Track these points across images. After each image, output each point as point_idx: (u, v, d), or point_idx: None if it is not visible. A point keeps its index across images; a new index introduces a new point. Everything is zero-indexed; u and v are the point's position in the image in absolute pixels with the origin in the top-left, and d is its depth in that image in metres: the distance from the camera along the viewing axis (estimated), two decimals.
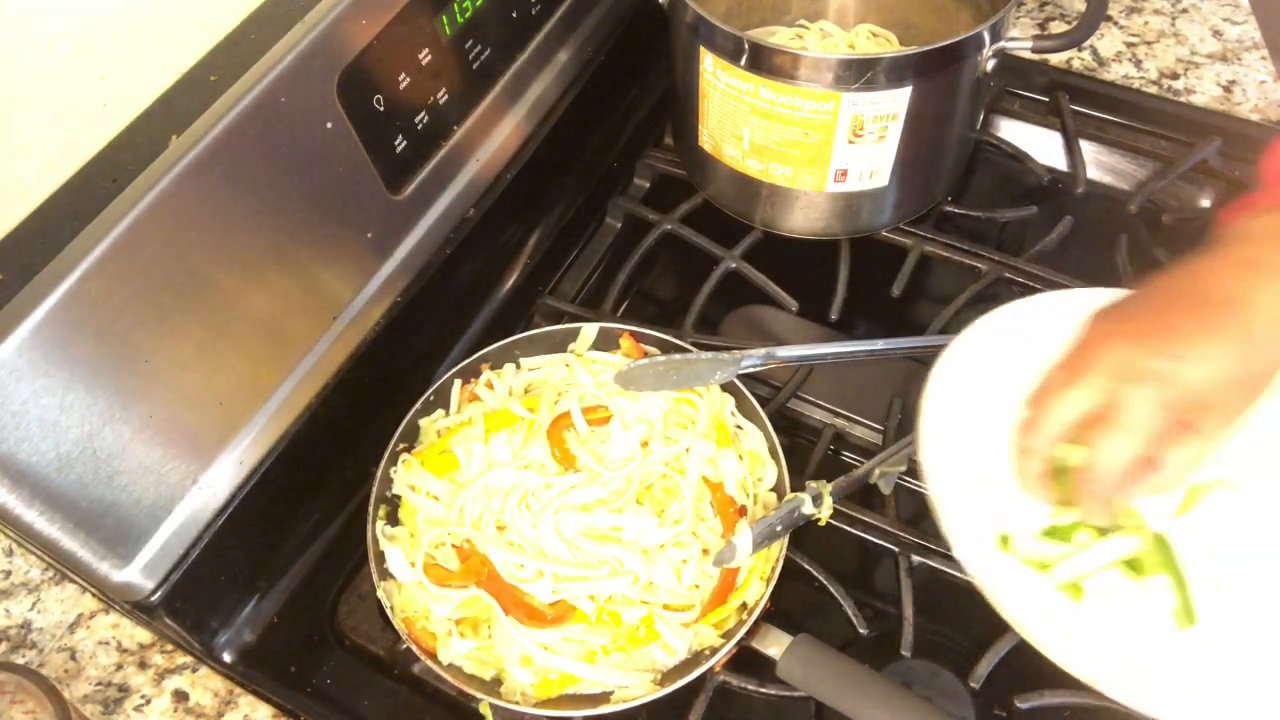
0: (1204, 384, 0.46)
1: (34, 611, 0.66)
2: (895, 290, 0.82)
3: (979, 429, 0.57)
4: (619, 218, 0.90)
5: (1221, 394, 0.46)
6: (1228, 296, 0.47)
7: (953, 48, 0.68)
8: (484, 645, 0.62)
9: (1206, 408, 0.46)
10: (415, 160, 0.70)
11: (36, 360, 0.49)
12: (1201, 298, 0.48)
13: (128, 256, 0.51)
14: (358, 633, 0.69)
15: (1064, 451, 0.51)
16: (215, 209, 0.56)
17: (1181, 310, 0.48)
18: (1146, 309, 0.50)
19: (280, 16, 0.60)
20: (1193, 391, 0.46)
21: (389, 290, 0.71)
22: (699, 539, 0.64)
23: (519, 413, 0.69)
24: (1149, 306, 0.50)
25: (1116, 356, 0.47)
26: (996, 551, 0.54)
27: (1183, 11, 0.96)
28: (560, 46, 0.83)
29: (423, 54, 0.66)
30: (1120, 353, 0.47)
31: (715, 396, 0.71)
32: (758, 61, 0.69)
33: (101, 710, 0.62)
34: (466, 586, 0.63)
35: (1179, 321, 0.47)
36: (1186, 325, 0.47)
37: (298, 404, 0.66)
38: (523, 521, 0.64)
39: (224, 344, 0.59)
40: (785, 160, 0.75)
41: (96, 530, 0.55)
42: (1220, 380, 0.46)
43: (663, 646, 0.62)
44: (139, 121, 0.55)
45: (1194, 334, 0.46)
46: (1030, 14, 0.98)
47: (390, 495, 0.69)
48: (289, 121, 0.58)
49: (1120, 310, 0.51)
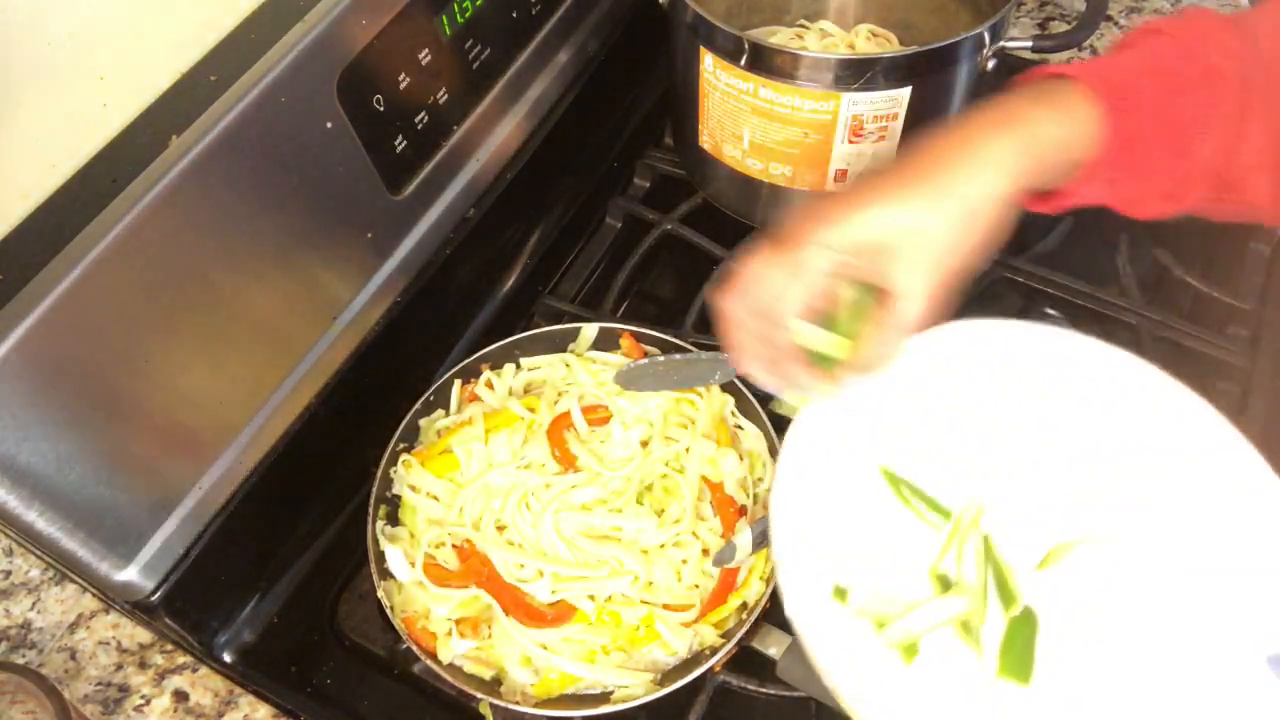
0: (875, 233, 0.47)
1: (34, 611, 0.66)
2: None
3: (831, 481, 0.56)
4: (619, 218, 0.90)
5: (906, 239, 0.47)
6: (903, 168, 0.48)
7: (953, 48, 0.68)
8: (484, 645, 0.62)
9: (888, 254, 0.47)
10: (415, 160, 0.70)
11: (36, 360, 0.49)
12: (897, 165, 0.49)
13: (127, 256, 0.51)
14: (358, 633, 0.69)
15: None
16: (215, 209, 0.56)
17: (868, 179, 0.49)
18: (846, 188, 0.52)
19: (280, 16, 0.60)
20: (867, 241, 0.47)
21: (389, 290, 0.71)
22: (699, 539, 0.64)
23: (519, 413, 0.69)
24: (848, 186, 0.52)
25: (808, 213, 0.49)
26: (832, 605, 0.53)
27: (1182, 12, 0.96)
28: (560, 46, 0.83)
29: (423, 54, 0.66)
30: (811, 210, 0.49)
31: (715, 396, 0.70)
32: (758, 61, 0.69)
33: (101, 710, 0.62)
34: (466, 586, 0.63)
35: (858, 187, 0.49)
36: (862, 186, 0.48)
37: (298, 404, 0.66)
38: (523, 521, 0.64)
39: (224, 344, 0.59)
40: (785, 160, 0.75)
41: (96, 530, 0.55)
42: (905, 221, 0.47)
43: (663, 646, 0.62)
44: (139, 121, 0.55)
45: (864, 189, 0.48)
46: (1030, 14, 0.98)
47: (390, 495, 0.69)
48: (289, 121, 0.58)
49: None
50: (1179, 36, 0.50)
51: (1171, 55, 0.50)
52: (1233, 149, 0.50)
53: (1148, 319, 0.77)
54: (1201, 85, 0.49)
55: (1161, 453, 0.56)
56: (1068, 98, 0.49)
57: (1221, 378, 0.74)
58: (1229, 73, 0.49)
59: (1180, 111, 0.50)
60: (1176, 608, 0.53)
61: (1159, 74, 0.50)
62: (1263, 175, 0.51)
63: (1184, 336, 0.76)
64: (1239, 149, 0.50)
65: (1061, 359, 0.59)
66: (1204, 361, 0.75)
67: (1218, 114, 0.49)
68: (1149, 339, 0.76)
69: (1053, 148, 0.48)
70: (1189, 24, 0.51)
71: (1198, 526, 0.54)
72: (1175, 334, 0.76)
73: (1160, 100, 0.50)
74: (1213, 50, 0.50)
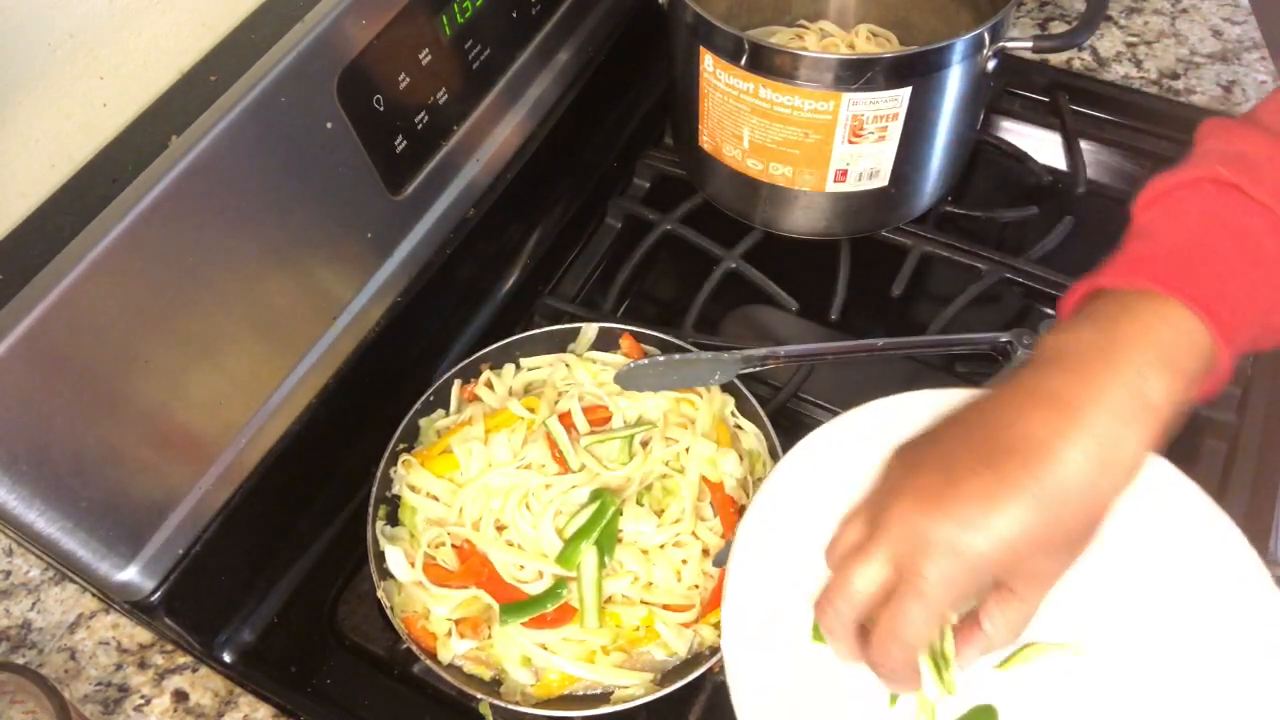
0: (1004, 548, 0.40)
1: (34, 611, 0.66)
2: (895, 290, 0.82)
3: (800, 539, 0.55)
4: (619, 218, 0.90)
5: (1028, 555, 0.40)
6: (1027, 445, 0.40)
7: (953, 48, 0.68)
8: (484, 645, 0.62)
9: (1015, 570, 0.42)
10: (415, 160, 0.70)
11: (36, 360, 0.49)
12: (996, 445, 0.41)
13: (127, 256, 0.51)
14: (358, 633, 0.69)
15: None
16: (215, 209, 0.56)
17: (974, 462, 0.41)
18: (938, 457, 0.43)
19: (280, 16, 0.60)
20: (993, 556, 0.40)
21: (389, 290, 0.71)
22: (699, 539, 0.64)
23: (519, 413, 0.69)
24: (941, 453, 0.43)
25: (905, 523, 0.42)
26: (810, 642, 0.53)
27: (1183, 11, 0.96)
28: (560, 46, 0.83)
29: (423, 54, 0.66)
30: (908, 518, 0.41)
31: (715, 396, 0.70)
32: (758, 61, 0.69)
33: (101, 710, 0.62)
34: (466, 586, 0.63)
35: (970, 478, 0.41)
36: (978, 483, 0.40)
37: (297, 404, 0.66)
38: (523, 521, 0.64)
39: (223, 344, 0.59)
40: (785, 160, 0.75)
41: (96, 530, 0.55)
42: (1022, 542, 0.40)
43: (663, 646, 0.62)
44: (139, 121, 0.55)
45: (986, 495, 0.40)
46: (1030, 14, 0.98)
47: (390, 495, 0.69)
48: (289, 121, 0.58)
49: (913, 456, 0.45)
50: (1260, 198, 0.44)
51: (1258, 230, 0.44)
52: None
53: None
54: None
55: (1151, 550, 0.53)
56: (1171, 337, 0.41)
57: None
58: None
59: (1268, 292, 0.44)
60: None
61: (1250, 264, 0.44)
62: None
63: None
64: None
65: None
66: None
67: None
68: None
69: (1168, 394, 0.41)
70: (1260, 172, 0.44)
71: (1181, 638, 0.52)
72: None
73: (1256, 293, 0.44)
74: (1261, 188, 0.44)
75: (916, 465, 0.44)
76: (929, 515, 0.41)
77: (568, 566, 0.61)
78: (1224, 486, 0.69)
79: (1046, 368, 0.42)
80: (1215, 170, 0.46)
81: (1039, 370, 0.42)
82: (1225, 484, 0.69)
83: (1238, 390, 0.73)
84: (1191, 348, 0.41)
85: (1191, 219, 0.46)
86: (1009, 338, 0.72)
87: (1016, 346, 0.72)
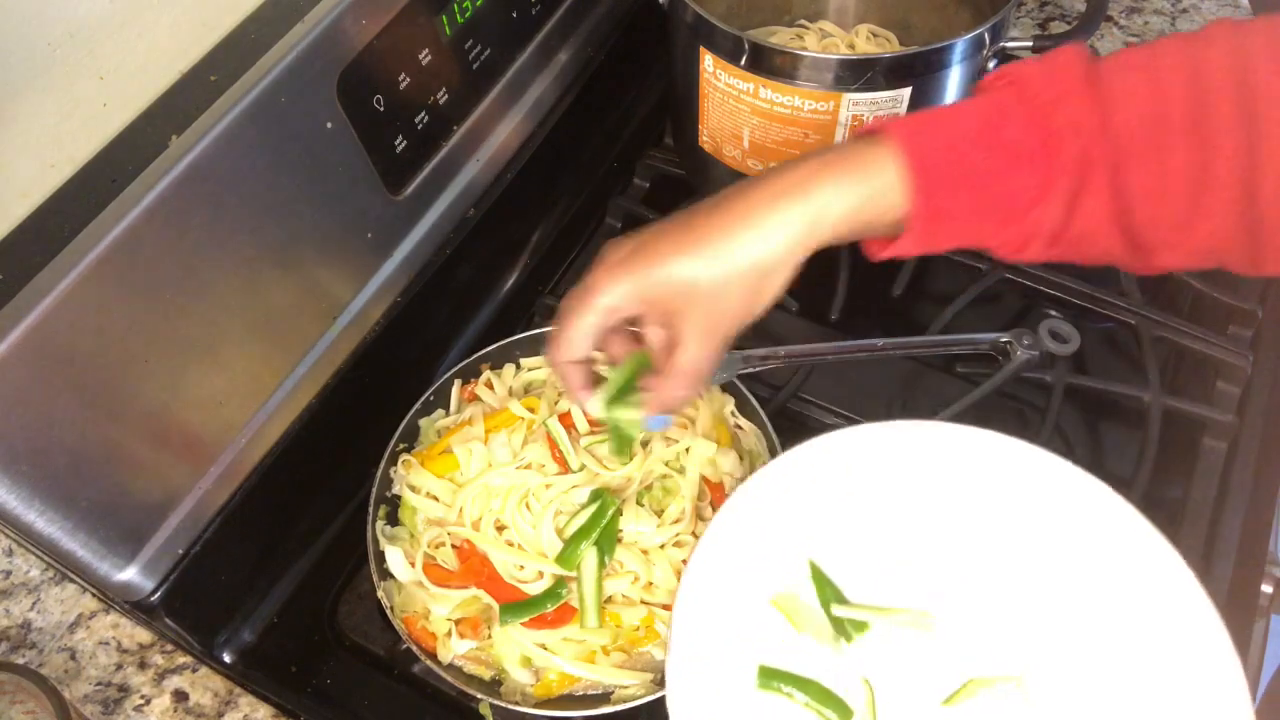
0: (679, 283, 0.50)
1: (34, 611, 0.66)
2: (895, 290, 0.82)
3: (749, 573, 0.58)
4: (619, 218, 0.90)
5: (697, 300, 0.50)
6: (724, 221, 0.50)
7: (953, 48, 0.68)
8: (484, 645, 0.62)
9: (683, 313, 0.51)
10: (415, 160, 0.70)
11: (36, 360, 0.49)
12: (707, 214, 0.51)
13: (128, 256, 0.51)
14: (358, 633, 0.69)
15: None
16: (215, 209, 0.56)
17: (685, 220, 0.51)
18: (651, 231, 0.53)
19: (280, 16, 0.60)
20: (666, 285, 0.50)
21: (389, 290, 0.71)
22: (699, 539, 0.64)
23: (519, 413, 0.69)
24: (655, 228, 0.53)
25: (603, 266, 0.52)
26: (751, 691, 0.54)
27: (1183, 11, 0.96)
28: (560, 46, 0.83)
29: (423, 54, 0.66)
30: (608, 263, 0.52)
31: (715, 396, 0.70)
32: (758, 61, 0.69)
33: (101, 710, 0.62)
34: (466, 586, 0.63)
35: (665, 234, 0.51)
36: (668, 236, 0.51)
37: (297, 404, 0.66)
38: (523, 521, 0.64)
39: (223, 344, 0.59)
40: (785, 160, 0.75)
41: (96, 530, 0.55)
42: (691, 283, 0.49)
43: (662, 646, 0.62)
44: (139, 121, 0.55)
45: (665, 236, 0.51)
46: (1030, 14, 0.98)
47: (390, 495, 0.69)
48: (289, 121, 0.58)
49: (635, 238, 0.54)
50: (1031, 94, 0.48)
51: (1014, 121, 0.48)
52: (1068, 217, 0.48)
53: (1148, 319, 0.77)
54: (1036, 158, 0.47)
55: (1092, 578, 0.55)
56: (871, 164, 0.48)
57: (1221, 378, 0.74)
58: (1069, 146, 0.47)
59: (1004, 184, 0.48)
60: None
61: (991, 145, 0.48)
62: (1112, 238, 0.48)
63: (1184, 336, 0.76)
64: (1074, 217, 0.48)
65: (1002, 470, 0.59)
66: (1204, 361, 0.75)
67: (1049, 188, 0.47)
68: (1149, 339, 0.76)
69: (845, 217, 0.48)
70: (1050, 76, 0.48)
71: (1125, 664, 0.53)
72: (1175, 334, 0.76)
73: (982, 172, 0.48)
74: (1061, 118, 0.47)
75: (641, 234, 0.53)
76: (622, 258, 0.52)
77: (568, 567, 0.61)
78: (1224, 486, 0.69)
79: (777, 168, 0.51)
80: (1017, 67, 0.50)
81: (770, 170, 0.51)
82: (1225, 484, 0.69)
83: (1238, 390, 0.74)
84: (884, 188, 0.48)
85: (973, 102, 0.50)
86: (1009, 338, 0.72)
87: (1016, 346, 0.72)
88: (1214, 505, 0.69)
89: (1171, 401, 0.72)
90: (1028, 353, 0.71)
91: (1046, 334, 0.73)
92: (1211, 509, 0.69)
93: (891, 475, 0.60)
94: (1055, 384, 0.73)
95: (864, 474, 0.60)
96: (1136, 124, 0.46)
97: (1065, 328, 0.73)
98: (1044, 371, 0.73)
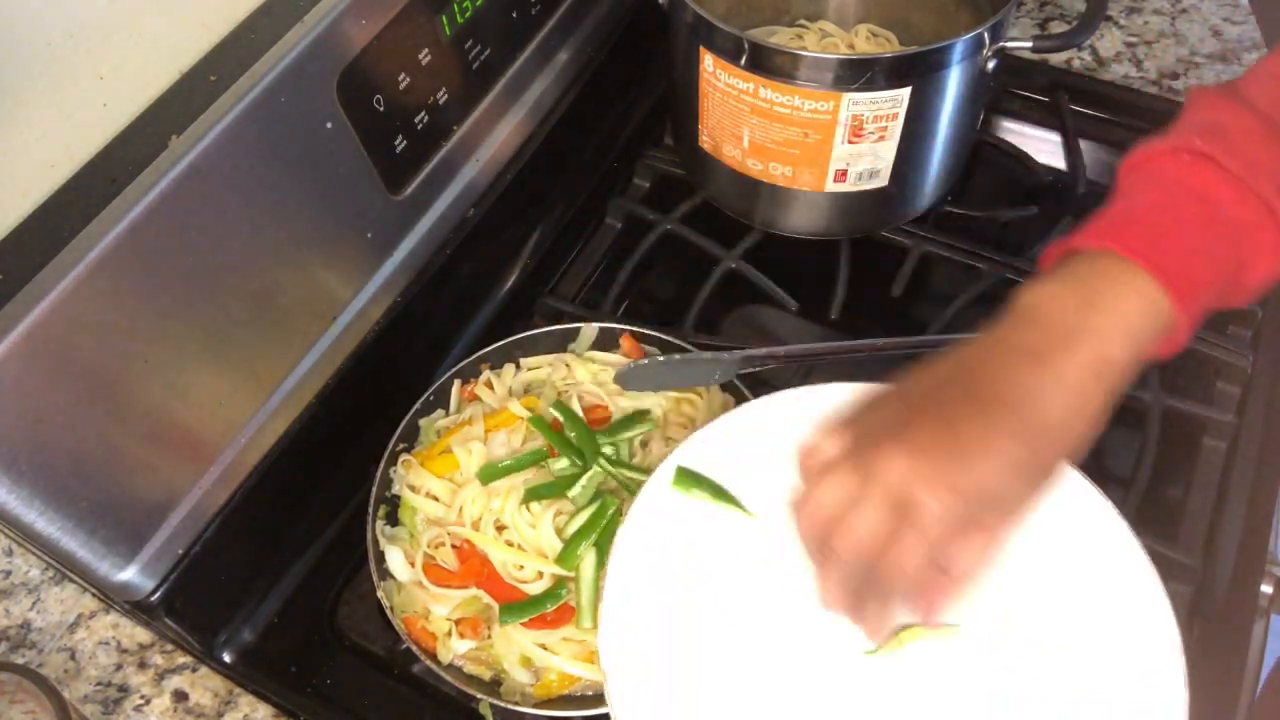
0: (993, 486, 0.43)
1: (34, 611, 0.66)
2: (895, 290, 0.82)
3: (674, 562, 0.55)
4: (619, 218, 0.90)
5: (1009, 492, 0.44)
6: (1014, 392, 0.44)
7: (953, 48, 0.68)
8: (484, 645, 0.62)
9: (996, 508, 0.44)
10: (415, 160, 0.70)
11: (36, 360, 0.49)
12: (981, 395, 0.44)
13: (127, 256, 0.51)
14: (358, 633, 0.69)
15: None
16: (215, 209, 0.56)
17: (969, 409, 0.44)
18: (934, 404, 0.45)
19: (280, 16, 0.60)
20: (989, 492, 0.43)
21: (389, 290, 0.71)
22: None
23: (519, 413, 0.69)
24: (935, 401, 0.46)
25: (901, 468, 0.43)
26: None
27: (1183, 11, 0.96)
28: (560, 46, 0.83)
29: (423, 54, 0.66)
30: (904, 464, 0.43)
31: (715, 396, 0.70)
32: (757, 61, 0.69)
33: (101, 710, 0.62)
34: (466, 586, 0.63)
35: (967, 423, 0.43)
36: (975, 428, 0.43)
37: (297, 404, 0.66)
38: (522, 521, 0.64)
39: (223, 344, 0.59)
40: (785, 160, 0.75)
41: (96, 530, 0.55)
42: (1008, 480, 0.43)
43: None
44: (139, 121, 0.55)
45: (984, 438, 0.43)
46: (1030, 14, 0.97)
47: (390, 495, 0.69)
48: (289, 121, 0.58)
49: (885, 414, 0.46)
50: (1232, 169, 0.47)
51: (1225, 200, 0.47)
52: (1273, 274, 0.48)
53: None
54: (1252, 229, 0.47)
55: (1037, 540, 0.53)
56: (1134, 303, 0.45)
57: (1221, 378, 0.74)
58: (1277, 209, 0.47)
59: (1232, 260, 0.47)
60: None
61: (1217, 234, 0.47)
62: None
63: None
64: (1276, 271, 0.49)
65: None
66: (1204, 361, 0.75)
67: (1264, 252, 0.47)
68: None
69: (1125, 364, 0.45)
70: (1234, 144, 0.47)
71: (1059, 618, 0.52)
72: None
73: (1218, 260, 0.47)
74: (1263, 182, 0.47)
75: (911, 408, 0.46)
76: (927, 454, 0.43)
77: (567, 567, 0.61)
78: (1224, 486, 0.69)
79: (1024, 324, 0.46)
80: (1192, 141, 0.49)
81: (1017, 327, 0.46)
82: (1225, 484, 0.69)
83: (1238, 390, 0.74)
84: (1150, 312, 0.45)
85: (1165, 187, 0.49)
86: None
87: None
88: (1214, 505, 0.69)
89: (1171, 401, 0.72)
90: None
91: None
92: (1211, 509, 0.69)
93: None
94: None
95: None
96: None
97: None
98: None
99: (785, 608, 0.54)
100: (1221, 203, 0.47)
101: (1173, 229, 0.47)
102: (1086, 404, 0.44)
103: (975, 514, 0.44)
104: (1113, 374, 0.45)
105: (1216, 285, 0.47)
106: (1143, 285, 0.45)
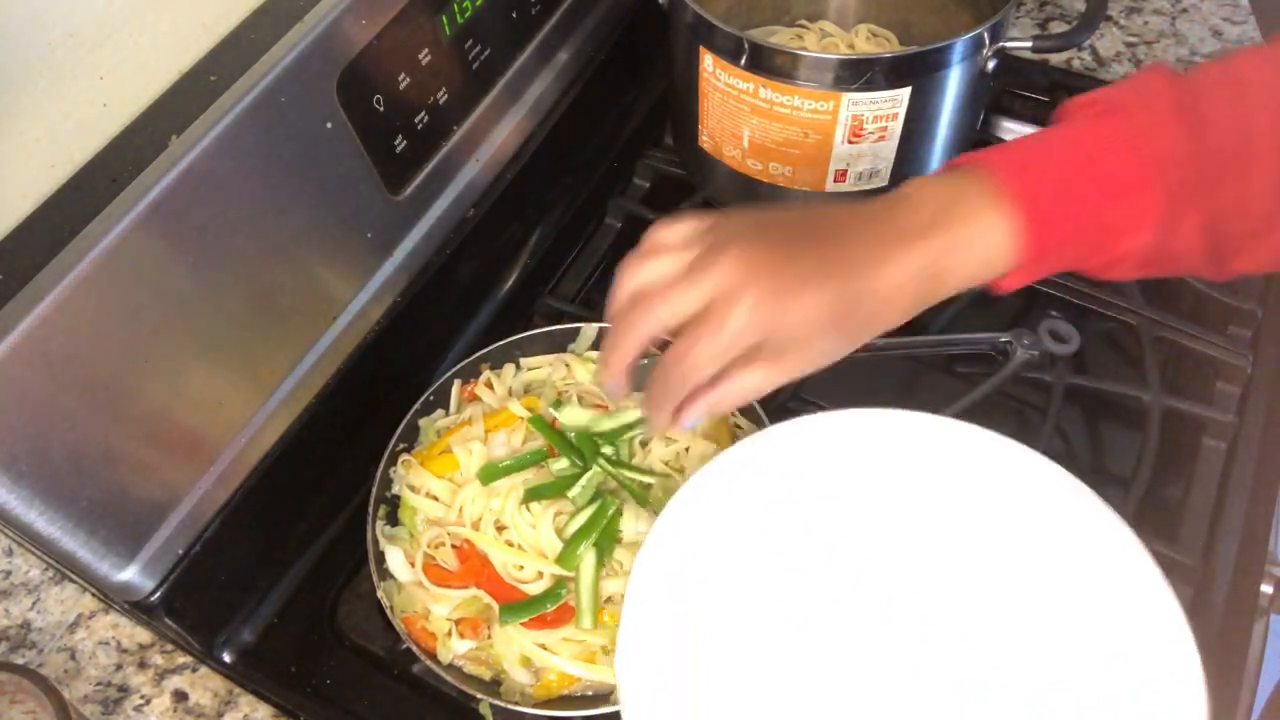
0: (800, 326, 0.46)
1: (34, 611, 0.66)
2: None
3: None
4: (619, 218, 0.90)
5: (810, 339, 0.47)
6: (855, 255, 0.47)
7: (953, 48, 0.68)
8: (484, 645, 0.62)
9: (790, 348, 0.47)
10: (415, 160, 0.70)
11: (36, 360, 0.49)
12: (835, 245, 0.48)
13: (127, 257, 0.51)
14: (358, 633, 0.69)
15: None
16: (215, 209, 0.56)
17: (814, 250, 0.48)
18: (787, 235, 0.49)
19: (280, 16, 0.60)
20: (789, 328, 0.46)
21: (389, 290, 0.71)
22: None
23: (519, 413, 0.69)
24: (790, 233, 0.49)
25: (736, 271, 0.46)
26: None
27: (1183, 11, 0.96)
28: (560, 46, 0.83)
29: (423, 54, 0.66)
30: (741, 268, 0.46)
31: None
32: (758, 61, 0.69)
33: (101, 710, 0.62)
34: (466, 586, 0.63)
35: (803, 259, 0.47)
36: (807, 264, 0.47)
37: (297, 404, 0.66)
38: (522, 521, 0.64)
39: (223, 344, 0.59)
40: (785, 160, 0.75)
41: (96, 530, 0.55)
42: (815, 327, 0.47)
43: None
44: (139, 121, 0.55)
45: (809, 276, 0.46)
46: (1030, 14, 0.98)
47: (390, 495, 0.69)
48: (289, 122, 0.58)
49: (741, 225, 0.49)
50: (1126, 125, 0.48)
51: (1113, 153, 0.48)
52: (1162, 242, 0.48)
53: (1148, 319, 0.77)
54: (1133, 189, 0.47)
55: (1041, 554, 0.54)
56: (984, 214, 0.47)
57: (1221, 378, 0.75)
58: (1169, 174, 0.47)
59: (1104, 216, 0.48)
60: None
61: (1093, 179, 0.48)
62: (1196, 254, 0.49)
63: (1184, 336, 0.76)
64: (1167, 241, 0.48)
65: (958, 457, 0.57)
66: (1204, 361, 0.75)
67: (1145, 217, 0.48)
68: (1149, 339, 0.76)
69: (959, 278, 0.48)
70: (1144, 106, 0.48)
71: (1070, 627, 0.52)
72: (1175, 334, 0.76)
73: (1086, 207, 0.48)
74: (1156, 148, 0.47)
75: (766, 230, 0.49)
76: (758, 273, 0.46)
77: (567, 567, 0.61)
78: (1224, 486, 0.69)
79: (890, 206, 0.49)
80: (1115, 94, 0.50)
81: (887, 206, 0.49)
82: (1225, 484, 0.69)
83: (1238, 390, 0.74)
84: (997, 229, 0.47)
85: (1069, 129, 0.50)
86: (1009, 338, 0.72)
87: (1016, 346, 0.72)
88: (1214, 505, 0.69)
89: (1171, 401, 0.72)
90: (1028, 353, 0.71)
91: (1046, 334, 0.73)
92: (1211, 509, 0.69)
93: (847, 465, 0.58)
94: (1055, 384, 0.73)
95: (819, 465, 0.58)
96: (1226, 146, 0.47)
97: (1065, 328, 0.73)
98: (1044, 371, 0.73)
99: (802, 632, 0.54)
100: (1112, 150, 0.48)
101: (1049, 164, 0.49)
102: (905, 297, 0.48)
103: (771, 345, 0.46)
104: (936, 284, 0.48)
105: (1080, 234, 0.48)
106: (1002, 205, 0.47)
